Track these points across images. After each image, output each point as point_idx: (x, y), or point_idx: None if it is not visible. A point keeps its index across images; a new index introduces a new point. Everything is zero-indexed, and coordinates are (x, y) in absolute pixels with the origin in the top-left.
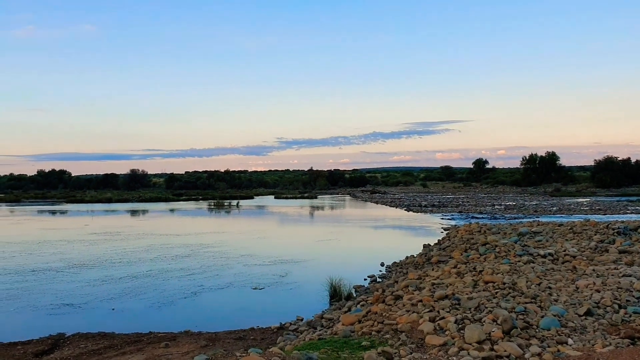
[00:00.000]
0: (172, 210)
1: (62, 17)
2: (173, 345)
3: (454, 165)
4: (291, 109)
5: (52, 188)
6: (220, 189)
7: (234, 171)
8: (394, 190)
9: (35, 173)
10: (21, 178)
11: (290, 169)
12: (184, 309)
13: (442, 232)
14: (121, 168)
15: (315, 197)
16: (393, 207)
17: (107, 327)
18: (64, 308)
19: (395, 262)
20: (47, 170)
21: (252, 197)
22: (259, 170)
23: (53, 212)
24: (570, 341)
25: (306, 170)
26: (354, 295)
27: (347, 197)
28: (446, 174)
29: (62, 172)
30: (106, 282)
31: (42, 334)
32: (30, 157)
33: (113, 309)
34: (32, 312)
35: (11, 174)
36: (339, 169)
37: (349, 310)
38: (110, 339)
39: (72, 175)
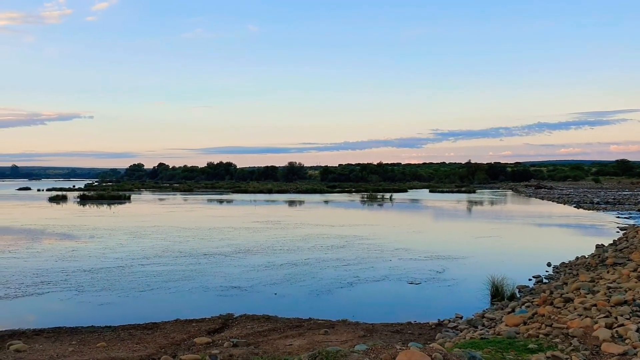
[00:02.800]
0: (326, 202)
1: (228, 19)
2: (332, 333)
3: (631, 158)
4: (447, 99)
5: (219, 179)
6: (372, 181)
7: (387, 164)
8: (562, 185)
9: (205, 165)
10: (193, 170)
11: (446, 162)
12: (341, 298)
13: (617, 232)
14: (280, 161)
15: (474, 192)
16: (560, 203)
17: (270, 311)
18: (232, 290)
19: (563, 263)
20: (215, 163)
21: (405, 190)
22: (412, 163)
23: (221, 201)
24: None
25: (463, 163)
26: (518, 295)
27: (509, 192)
28: (622, 169)
29: (229, 165)
30: (268, 268)
31: (213, 313)
32: (201, 151)
33: (275, 294)
34: (204, 292)
35: (185, 166)
36: (499, 162)
37: (513, 310)
38: (273, 322)
39: (237, 167)
